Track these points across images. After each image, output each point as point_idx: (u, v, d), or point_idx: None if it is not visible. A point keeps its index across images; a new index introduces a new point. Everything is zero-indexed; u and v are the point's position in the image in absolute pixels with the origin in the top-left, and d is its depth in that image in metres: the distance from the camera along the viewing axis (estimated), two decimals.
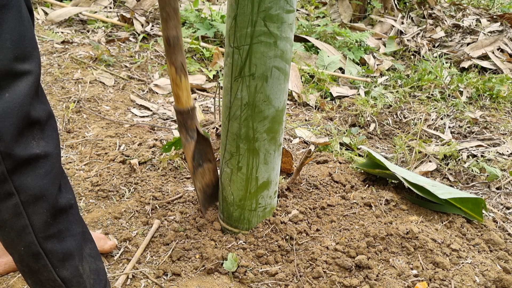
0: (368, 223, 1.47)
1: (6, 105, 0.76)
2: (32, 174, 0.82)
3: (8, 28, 0.76)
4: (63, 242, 0.89)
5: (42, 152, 0.83)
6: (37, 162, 0.83)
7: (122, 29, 3.20)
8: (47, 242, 0.87)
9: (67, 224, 0.90)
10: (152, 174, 1.71)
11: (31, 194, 0.82)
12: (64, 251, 0.90)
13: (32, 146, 0.82)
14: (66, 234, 0.90)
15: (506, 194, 1.84)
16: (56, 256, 0.89)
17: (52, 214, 0.86)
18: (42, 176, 0.83)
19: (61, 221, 0.89)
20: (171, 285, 1.22)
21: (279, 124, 1.24)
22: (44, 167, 0.84)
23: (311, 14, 3.87)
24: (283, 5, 1.07)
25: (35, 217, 0.84)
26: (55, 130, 0.88)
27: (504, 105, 2.65)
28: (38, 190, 0.83)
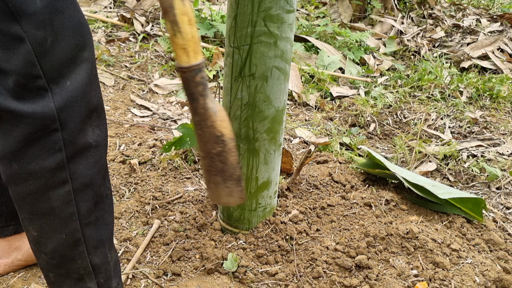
0: (368, 223, 1.47)
1: (70, 94, 0.78)
2: (85, 162, 0.84)
3: (69, 16, 0.77)
4: (98, 229, 0.91)
5: (94, 141, 0.85)
6: (89, 151, 0.84)
7: (122, 29, 3.20)
8: (87, 228, 0.89)
9: (102, 212, 0.92)
10: (152, 174, 1.71)
11: (82, 182, 0.84)
12: (98, 238, 0.91)
13: (89, 135, 0.83)
14: (101, 222, 0.92)
15: (506, 194, 1.84)
16: (91, 242, 0.90)
17: (95, 202, 0.88)
18: (93, 165, 0.85)
19: (100, 209, 0.91)
20: (171, 285, 1.22)
21: (279, 124, 1.24)
22: (94, 156, 0.86)
23: (311, 14, 3.87)
24: (283, 5, 1.07)
25: (82, 204, 0.86)
26: (105, 119, 0.90)
27: (504, 105, 2.65)
28: (88, 179, 0.85)
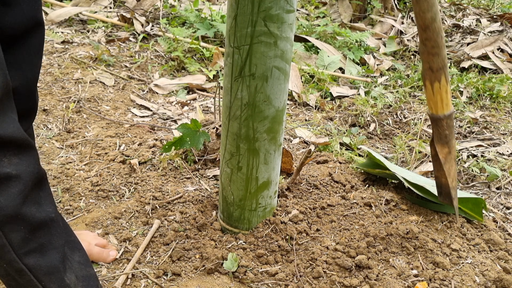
0: (368, 223, 1.47)
1: None
2: (5, 193, 0.81)
3: None
4: (46, 256, 0.89)
5: (13, 170, 0.81)
6: (9, 181, 0.81)
7: (122, 29, 3.20)
8: (28, 257, 0.86)
9: (48, 238, 0.89)
10: (152, 174, 1.71)
11: (5, 214, 0.81)
12: (48, 265, 0.89)
13: (4, 165, 0.80)
14: (48, 248, 0.89)
15: (506, 194, 1.84)
16: (40, 270, 0.88)
17: (30, 230, 0.85)
18: (17, 195, 0.82)
19: (42, 235, 0.88)
20: (171, 285, 1.22)
21: (279, 124, 1.24)
22: (18, 186, 0.82)
23: (311, 14, 3.87)
24: (283, 5, 1.07)
25: (12, 235, 0.83)
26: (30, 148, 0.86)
27: (504, 105, 2.65)
28: (12, 210, 0.82)
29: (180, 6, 3.71)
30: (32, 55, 0.99)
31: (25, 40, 0.96)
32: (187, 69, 2.74)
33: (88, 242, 1.28)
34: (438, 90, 1.08)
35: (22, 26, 0.94)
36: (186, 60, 2.77)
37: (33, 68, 1.00)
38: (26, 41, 0.96)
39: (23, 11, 0.92)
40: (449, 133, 1.16)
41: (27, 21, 0.94)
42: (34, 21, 0.96)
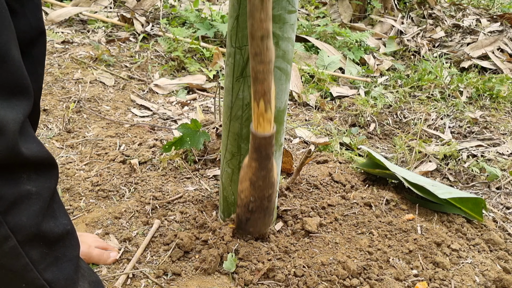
0: (368, 223, 1.47)
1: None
2: (27, 212, 0.78)
3: None
4: (62, 268, 0.87)
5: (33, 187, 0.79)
6: (30, 199, 0.79)
7: (122, 29, 3.20)
8: (47, 272, 0.85)
9: (63, 250, 0.88)
10: (152, 174, 1.71)
11: (27, 233, 0.79)
12: (65, 277, 0.88)
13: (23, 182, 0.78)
14: (63, 260, 0.88)
15: (506, 194, 1.84)
16: (58, 283, 0.86)
17: (49, 245, 0.84)
18: (38, 213, 0.80)
19: (58, 248, 0.87)
20: (171, 285, 1.22)
21: (280, 124, 1.24)
22: (38, 203, 0.80)
23: (311, 14, 3.87)
24: (285, 6, 1.07)
25: (33, 253, 0.82)
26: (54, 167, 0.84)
27: (504, 105, 2.65)
28: (34, 228, 0.80)
29: (180, 6, 3.71)
30: (36, 66, 0.99)
31: (30, 51, 0.96)
32: (187, 69, 2.74)
33: (88, 245, 1.27)
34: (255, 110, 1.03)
35: (28, 37, 0.93)
36: (186, 60, 2.77)
37: (38, 79, 1.00)
38: (31, 51, 0.96)
39: (29, 21, 0.92)
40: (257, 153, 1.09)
41: (33, 31, 0.94)
42: (39, 31, 0.96)
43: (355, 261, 1.30)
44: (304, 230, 1.41)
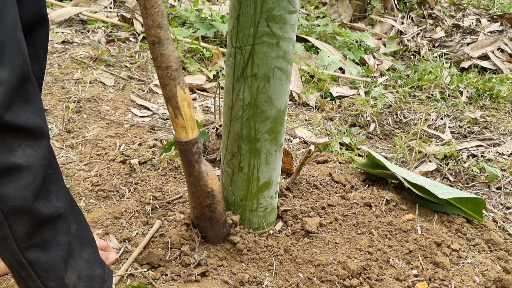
0: (368, 223, 1.47)
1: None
2: (15, 184, 0.80)
3: None
4: (48, 252, 0.88)
5: (24, 161, 0.81)
6: (20, 172, 0.80)
7: (122, 29, 3.20)
8: (29, 252, 0.86)
9: (53, 234, 0.88)
10: (152, 174, 1.71)
11: (12, 205, 0.81)
12: (48, 261, 0.88)
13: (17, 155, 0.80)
14: (51, 244, 0.88)
15: (506, 194, 1.84)
16: (40, 266, 0.87)
17: (35, 224, 0.85)
18: (24, 187, 0.81)
19: (46, 231, 0.87)
20: (171, 285, 1.22)
21: (280, 124, 1.24)
22: (27, 178, 0.81)
23: (311, 14, 3.87)
24: (285, 6, 1.07)
25: (17, 228, 0.83)
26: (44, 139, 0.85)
27: (504, 105, 2.65)
28: (20, 202, 0.81)
29: (180, 6, 3.71)
30: (38, 50, 1.02)
31: (31, 36, 0.99)
32: (187, 69, 2.74)
33: None
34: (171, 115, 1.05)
35: (28, 22, 0.96)
36: (186, 60, 2.77)
37: (39, 62, 1.04)
38: (32, 36, 0.99)
39: (29, 8, 0.96)
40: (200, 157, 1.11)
41: (33, 17, 0.98)
42: (39, 17, 0.99)
43: (355, 261, 1.30)
44: (304, 230, 1.41)
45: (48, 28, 1.05)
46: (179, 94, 1.01)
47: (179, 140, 1.07)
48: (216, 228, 1.29)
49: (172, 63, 0.98)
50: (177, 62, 0.99)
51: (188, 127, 1.06)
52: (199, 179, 1.14)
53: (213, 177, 1.17)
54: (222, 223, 1.29)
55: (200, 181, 1.15)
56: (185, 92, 1.02)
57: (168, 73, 0.98)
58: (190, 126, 1.06)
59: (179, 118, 1.04)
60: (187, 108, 1.04)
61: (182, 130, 1.06)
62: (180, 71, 1.00)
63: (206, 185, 1.17)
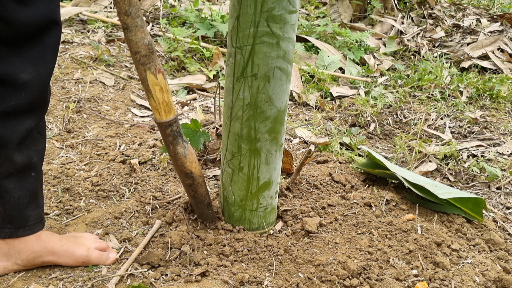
0: (368, 223, 1.47)
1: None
2: None
3: None
4: None
5: None
6: None
7: (122, 29, 3.19)
8: None
9: None
10: (152, 174, 1.71)
11: None
12: None
13: None
14: None
15: (506, 194, 1.84)
16: None
17: None
18: None
19: None
20: (171, 285, 1.22)
21: (280, 124, 1.24)
22: None
23: (311, 14, 3.87)
24: (286, 6, 1.07)
25: None
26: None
27: (504, 105, 2.65)
28: None
29: (180, 6, 3.71)
30: (46, 52, 1.04)
31: (40, 38, 1.01)
32: (187, 69, 2.74)
33: (87, 247, 1.26)
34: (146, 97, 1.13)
35: (36, 25, 0.99)
36: (186, 60, 2.77)
37: (47, 64, 1.05)
38: (41, 38, 1.02)
39: (38, 10, 0.98)
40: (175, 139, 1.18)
41: (42, 20, 1.00)
42: (49, 20, 1.01)
43: (355, 261, 1.30)
44: (304, 230, 1.41)
45: (59, 32, 1.06)
46: (150, 79, 1.08)
47: (154, 119, 1.15)
48: (200, 208, 1.36)
49: (141, 49, 1.04)
50: (146, 48, 1.04)
51: (161, 110, 1.13)
52: (176, 159, 1.22)
53: (192, 160, 1.23)
54: (206, 205, 1.35)
55: (177, 161, 1.22)
56: (157, 77, 1.08)
57: (137, 58, 1.05)
58: (162, 109, 1.13)
59: (151, 100, 1.12)
60: (159, 92, 1.10)
61: (156, 112, 1.13)
62: (151, 57, 1.06)
63: (183, 166, 1.23)
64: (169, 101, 1.13)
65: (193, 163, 1.24)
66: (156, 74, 1.08)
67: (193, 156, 1.23)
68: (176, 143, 1.19)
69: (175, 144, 1.19)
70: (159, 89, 1.10)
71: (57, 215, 1.49)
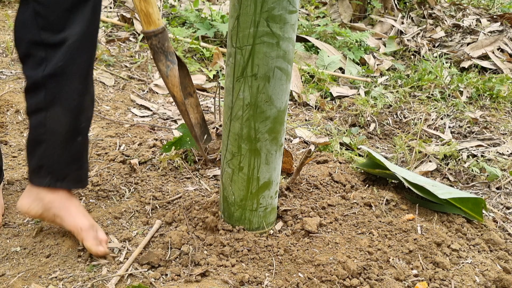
0: (368, 223, 1.47)
1: None
2: None
3: None
4: None
5: None
6: None
7: (122, 29, 3.20)
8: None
9: None
10: (152, 174, 1.71)
11: None
12: None
13: None
14: None
15: (506, 194, 1.84)
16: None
17: None
18: None
19: None
20: (171, 285, 1.22)
21: (280, 124, 1.24)
22: None
23: (311, 14, 3.87)
24: (286, 6, 1.07)
25: None
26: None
27: (504, 105, 2.65)
28: None
29: (180, 6, 3.71)
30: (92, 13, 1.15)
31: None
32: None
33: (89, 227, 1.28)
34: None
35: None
36: (186, 60, 2.77)
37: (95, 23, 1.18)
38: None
39: None
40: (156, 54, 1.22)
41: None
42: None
43: (355, 261, 1.30)
44: (304, 230, 1.41)
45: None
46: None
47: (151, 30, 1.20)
48: (192, 131, 1.39)
49: None
50: None
51: (141, 21, 1.19)
52: (160, 74, 1.26)
53: (174, 83, 1.24)
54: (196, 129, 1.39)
55: (162, 76, 1.27)
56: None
57: None
58: (142, 19, 1.19)
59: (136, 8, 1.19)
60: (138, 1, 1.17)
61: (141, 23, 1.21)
62: None
63: (167, 86, 1.28)
64: (147, 11, 1.16)
65: (175, 87, 1.25)
66: None
67: (175, 79, 1.24)
68: (157, 59, 1.22)
69: (156, 60, 1.22)
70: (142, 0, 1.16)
71: None
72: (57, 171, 1.26)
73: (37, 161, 1.25)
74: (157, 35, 1.19)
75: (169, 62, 1.21)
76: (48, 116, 1.18)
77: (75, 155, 1.27)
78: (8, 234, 1.39)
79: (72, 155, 1.26)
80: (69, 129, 1.21)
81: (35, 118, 1.20)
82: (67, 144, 1.23)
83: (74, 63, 1.15)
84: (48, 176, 1.26)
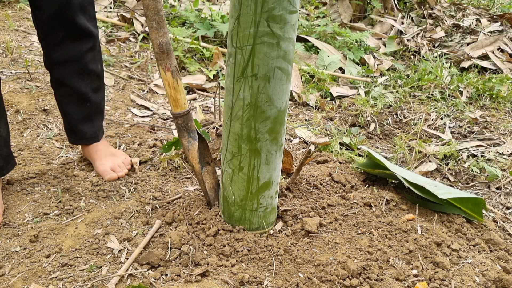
0: (368, 223, 1.47)
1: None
2: None
3: None
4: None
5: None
6: None
7: (122, 29, 3.20)
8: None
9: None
10: (152, 174, 1.71)
11: None
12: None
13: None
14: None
15: (506, 194, 1.84)
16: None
17: None
18: None
19: None
20: (171, 285, 1.22)
21: (281, 124, 1.24)
22: None
23: (311, 14, 3.87)
24: (286, 6, 1.07)
25: None
26: None
27: (504, 105, 2.65)
28: None
29: (180, 6, 3.71)
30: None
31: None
32: (187, 69, 2.74)
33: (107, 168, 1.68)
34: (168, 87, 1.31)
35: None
36: (186, 60, 2.77)
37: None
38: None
39: None
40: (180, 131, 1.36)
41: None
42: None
43: (355, 261, 1.30)
44: (304, 230, 1.41)
45: None
46: (161, 73, 1.29)
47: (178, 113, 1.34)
48: (206, 196, 1.47)
49: (154, 47, 1.25)
50: (157, 47, 1.24)
51: (170, 103, 1.33)
52: (183, 148, 1.42)
53: (193, 156, 1.38)
54: (210, 193, 1.47)
55: (183, 150, 1.40)
56: (166, 74, 1.29)
57: (154, 53, 1.27)
58: (171, 102, 1.33)
59: (166, 94, 1.33)
60: (167, 87, 1.31)
61: (170, 104, 1.35)
62: (162, 56, 1.25)
63: (187, 155, 1.40)
64: (176, 97, 1.31)
65: (194, 159, 1.38)
66: (166, 71, 1.28)
67: (195, 153, 1.38)
68: (181, 135, 1.37)
69: (180, 136, 1.37)
70: (168, 84, 1.30)
71: (57, 215, 1.49)
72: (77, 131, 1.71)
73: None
74: (183, 116, 1.34)
75: (191, 138, 1.37)
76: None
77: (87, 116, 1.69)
78: (8, 234, 1.39)
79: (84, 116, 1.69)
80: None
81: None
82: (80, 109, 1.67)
83: None
84: (73, 135, 1.71)
